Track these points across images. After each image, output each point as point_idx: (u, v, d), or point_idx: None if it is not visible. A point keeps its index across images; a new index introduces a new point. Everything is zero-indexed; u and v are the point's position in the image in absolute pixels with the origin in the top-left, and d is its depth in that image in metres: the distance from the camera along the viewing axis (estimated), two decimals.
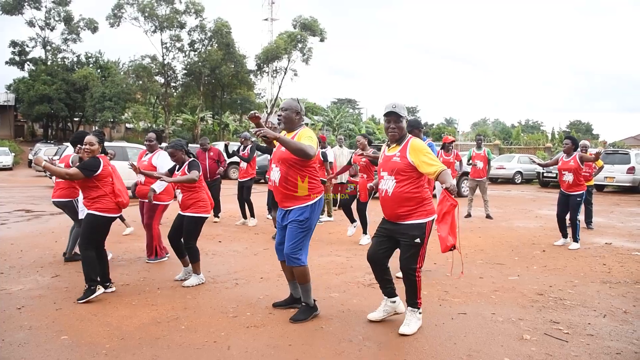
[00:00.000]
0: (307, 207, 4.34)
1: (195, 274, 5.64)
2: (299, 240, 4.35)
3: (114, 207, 5.16)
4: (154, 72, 41.37)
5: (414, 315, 4.21)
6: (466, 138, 46.61)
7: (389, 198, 4.12)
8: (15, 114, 45.15)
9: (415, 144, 4.08)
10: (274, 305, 4.81)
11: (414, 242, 4.06)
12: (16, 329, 4.25)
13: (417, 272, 4.12)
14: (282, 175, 4.31)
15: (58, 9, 42.32)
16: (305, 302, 4.55)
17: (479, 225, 10.41)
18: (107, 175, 5.14)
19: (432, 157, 3.99)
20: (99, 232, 5.17)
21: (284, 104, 4.49)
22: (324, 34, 42.87)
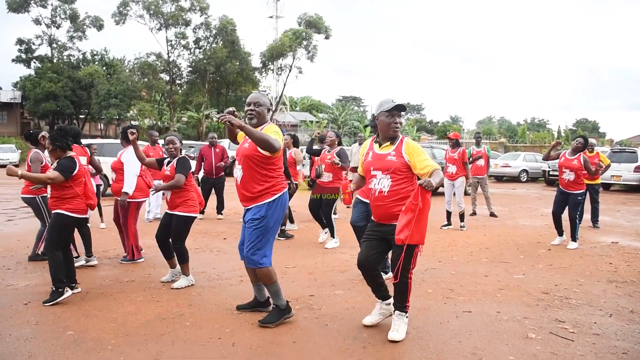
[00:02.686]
0: (263, 205, 4.13)
1: (184, 275, 5.47)
2: (256, 240, 4.14)
3: (84, 209, 5.07)
4: (159, 70, 41.48)
5: (402, 319, 4.05)
6: (471, 136, 46.48)
7: (385, 197, 4.01)
8: (21, 111, 45.33)
9: (411, 144, 4.04)
10: (237, 308, 4.64)
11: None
12: (23, 324, 4.27)
13: (410, 274, 3.99)
14: (245, 174, 4.15)
15: (64, 6, 42.45)
16: (275, 305, 4.34)
17: (484, 223, 10.39)
18: (81, 176, 5.03)
19: (427, 156, 3.96)
20: (67, 232, 5.06)
21: (256, 99, 4.27)
22: (329, 31, 42.82)
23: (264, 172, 4.12)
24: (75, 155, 5.08)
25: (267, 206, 4.14)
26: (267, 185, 4.13)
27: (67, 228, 5.01)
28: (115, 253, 7.01)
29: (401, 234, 3.76)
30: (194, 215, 5.50)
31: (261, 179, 4.12)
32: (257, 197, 4.14)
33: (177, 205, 5.41)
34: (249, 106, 4.26)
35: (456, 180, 9.51)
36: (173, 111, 41.95)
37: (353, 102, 66.86)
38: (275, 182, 4.18)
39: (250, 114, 4.23)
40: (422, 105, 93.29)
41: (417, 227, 3.74)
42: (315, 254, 7.22)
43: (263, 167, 4.11)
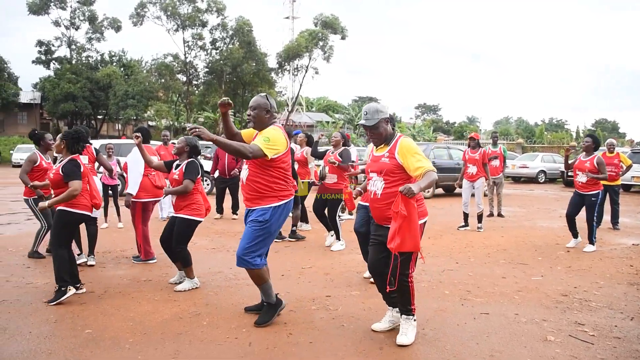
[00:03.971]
0: (269, 208, 4.09)
1: (188, 278, 5.41)
2: (255, 242, 4.09)
3: (87, 205, 5.06)
4: (176, 71, 41.78)
5: (409, 323, 3.96)
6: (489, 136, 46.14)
7: (378, 200, 3.92)
8: (41, 112, 45.98)
9: (405, 143, 3.88)
10: (246, 310, 4.59)
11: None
12: (42, 322, 4.32)
13: (410, 278, 3.88)
14: (250, 173, 4.11)
15: (83, 8, 43.03)
16: (267, 302, 4.35)
17: (501, 224, 10.30)
18: (84, 175, 5.00)
19: (421, 157, 3.79)
20: (70, 229, 5.06)
21: (252, 103, 4.22)
22: (345, 31, 42.79)
23: (269, 172, 4.08)
24: (77, 156, 5.07)
25: (273, 211, 4.10)
26: (273, 187, 4.09)
27: (69, 225, 5.01)
28: (132, 252, 7.06)
29: (392, 243, 3.68)
30: (198, 219, 5.41)
31: (267, 179, 4.08)
32: (262, 198, 4.09)
33: (181, 208, 5.36)
34: (247, 111, 4.29)
35: (476, 182, 9.42)
36: (190, 112, 42.22)
37: (369, 102, 66.72)
38: (283, 186, 4.14)
39: (248, 119, 4.26)
40: (438, 105, 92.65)
41: (407, 234, 3.61)
42: (332, 254, 7.21)
43: (268, 168, 4.07)
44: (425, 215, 3.97)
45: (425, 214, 3.98)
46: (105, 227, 9.15)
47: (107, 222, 9.33)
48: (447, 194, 16.80)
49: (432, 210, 12.55)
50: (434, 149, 16.75)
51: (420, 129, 44.57)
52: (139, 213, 6.48)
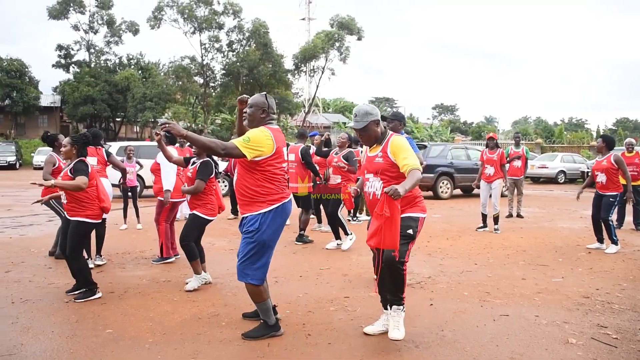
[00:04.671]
0: (258, 215, 3.86)
1: (195, 274, 5.42)
2: (249, 254, 3.88)
3: (99, 213, 5.12)
4: (193, 73, 42.01)
5: (400, 315, 3.87)
6: (507, 137, 45.71)
7: (378, 200, 3.72)
8: (61, 114, 46.57)
9: (395, 142, 3.85)
10: (243, 316, 4.47)
11: (407, 232, 3.76)
12: (64, 321, 4.38)
13: (404, 266, 3.80)
14: (238, 176, 3.97)
15: (101, 12, 43.49)
16: (263, 320, 4.11)
17: (520, 225, 10.20)
18: (92, 178, 5.05)
19: (409, 154, 3.73)
20: (86, 239, 5.16)
21: (251, 100, 4.08)
22: (361, 32, 42.70)
23: (254, 175, 3.88)
24: (85, 158, 5.12)
25: (262, 217, 3.87)
26: (259, 191, 3.88)
27: (85, 235, 5.14)
28: (151, 253, 7.12)
29: (371, 240, 3.65)
30: (209, 218, 5.48)
31: (253, 182, 3.88)
32: (251, 204, 3.90)
33: (195, 206, 5.46)
34: (245, 107, 4.15)
35: (493, 182, 9.33)
36: (207, 113, 42.47)
37: (386, 103, 66.62)
38: (271, 190, 3.90)
39: (244, 115, 4.15)
40: (456, 106, 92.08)
41: (387, 234, 3.53)
42: (350, 255, 7.20)
43: (253, 171, 3.88)
44: (424, 211, 3.98)
45: (424, 210, 3.98)
46: (125, 229, 9.24)
47: (127, 224, 9.42)
48: (465, 194, 16.69)
49: (450, 211, 12.49)
50: (452, 149, 16.66)
51: (437, 129, 44.30)
52: (165, 212, 6.56)
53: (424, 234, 8.79)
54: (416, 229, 3.88)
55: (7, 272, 6.03)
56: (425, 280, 5.82)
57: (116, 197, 12.08)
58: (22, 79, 41.35)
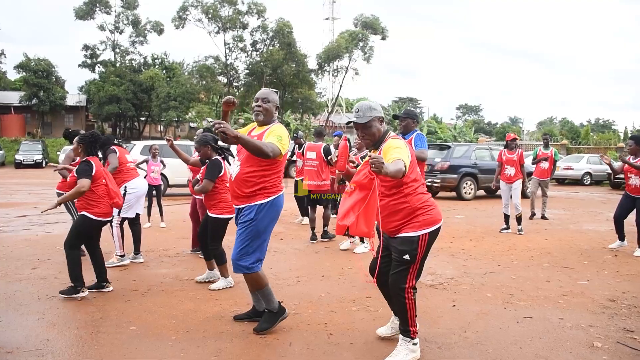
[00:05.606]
0: (254, 206, 3.92)
1: (222, 277, 5.47)
2: (245, 243, 3.93)
3: (108, 212, 5.15)
4: (217, 72, 42.42)
5: (405, 345, 3.57)
6: (532, 137, 45.13)
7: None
8: (86, 114, 47.30)
9: (388, 145, 3.48)
10: (235, 319, 4.39)
11: (402, 258, 3.47)
12: (89, 318, 4.45)
13: (408, 293, 3.48)
14: (242, 171, 3.93)
15: (127, 12, 44.10)
16: (267, 309, 4.14)
17: (545, 227, 10.06)
18: (99, 177, 5.06)
19: (399, 152, 3.34)
20: (89, 235, 5.15)
21: (265, 95, 4.05)
22: (385, 32, 42.65)
23: (262, 172, 3.91)
24: (92, 158, 5.13)
25: (258, 208, 3.93)
26: (262, 186, 3.93)
27: (87, 230, 5.12)
28: (175, 252, 7.20)
29: (345, 219, 3.43)
30: (227, 217, 5.44)
31: (258, 178, 3.92)
32: (250, 197, 3.94)
33: (210, 206, 5.48)
34: (257, 102, 4.06)
35: (514, 183, 9.22)
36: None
37: (410, 103, 66.25)
38: (271, 183, 3.97)
39: (257, 110, 4.04)
40: (480, 106, 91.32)
41: (363, 217, 3.38)
42: (372, 255, 7.16)
43: (263, 168, 3.91)
44: (428, 225, 3.52)
45: (428, 224, 3.52)
46: (148, 227, 9.35)
47: (150, 222, 9.54)
48: (488, 195, 16.52)
49: (474, 212, 12.38)
50: (476, 150, 16.50)
51: (461, 129, 43.89)
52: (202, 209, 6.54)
53: (446, 236, 8.73)
54: (415, 251, 3.45)
55: (34, 269, 6.15)
56: (448, 281, 5.78)
57: None
58: (49, 79, 42.09)
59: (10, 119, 42.68)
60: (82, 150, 5.18)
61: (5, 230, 9.02)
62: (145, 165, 9.55)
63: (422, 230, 3.49)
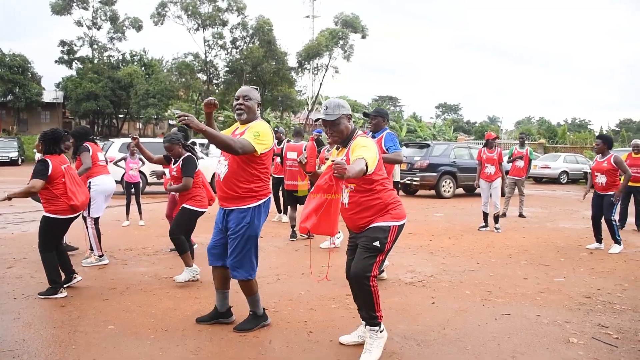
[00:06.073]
0: (248, 210, 3.87)
1: (186, 267, 5.42)
2: (243, 250, 3.91)
3: (66, 209, 5.00)
4: (196, 70, 42.04)
5: (374, 336, 3.57)
6: (510, 136, 45.64)
7: (346, 210, 3.61)
8: (63, 111, 46.60)
9: (356, 143, 3.51)
10: (197, 321, 4.28)
11: (373, 244, 3.48)
12: (66, 318, 4.39)
13: (372, 281, 3.49)
14: (229, 170, 3.86)
15: (104, 8, 43.48)
16: (252, 311, 4.16)
17: (522, 225, 10.19)
18: (57, 177, 4.95)
19: (363, 150, 3.37)
20: (56, 234, 5.09)
21: (246, 92, 3.98)
22: (366, 30, 42.72)
23: (251, 172, 3.86)
24: (52, 156, 5.02)
25: (253, 211, 3.90)
26: (252, 186, 3.88)
27: (53, 229, 5.03)
28: (153, 250, 7.14)
29: (307, 222, 3.47)
30: (201, 210, 5.56)
31: (247, 178, 3.86)
32: (241, 199, 3.88)
33: (185, 199, 5.53)
34: (238, 100, 3.98)
35: (494, 182, 9.32)
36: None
37: (389, 101, 66.57)
38: (262, 184, 3.93)
39: (239, 109, 3.96)
40: (459, 105, 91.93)
41: (325, 218, 3.41)
42: None
43: (250, 166, 3.84)
44: (399, 218, 3.60)
45: (399, 217, 3.60)
46: (127, 225, 9.26)
47: (129, 220, 9.44)
48: (467, 194, 16.68)
49: (453, 210, 12.49)
50: (455, 148, 16.64)
51: (440, 128, 44.18)
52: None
53: (425, 234, 8.81)
54: (385, 240, 3.51)
55: (9, 268, 6.04)
56: (427, 278, 5.83)
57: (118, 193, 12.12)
58: (25, 75, 41.36)
59: None
60: (42, 147, 5.08)
61: None
62: (124, 163, 9.46)
63: (394, 222, 3.56)
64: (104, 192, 6.41)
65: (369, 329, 3.62)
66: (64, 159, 5.16)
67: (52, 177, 4.91)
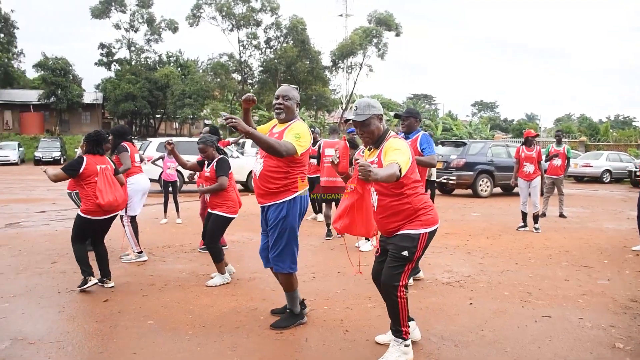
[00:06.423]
0: (283, 203, 3.93)
1: (219, 273, 5.46)
2: (283, 243, 3.96)
3: (95, 210, 5.07)
4: (231, 70, 42.52)
5: (396, 347, 3.49)
6: (549, 134, 44.61)
7: (375, 213, 3.54)
8: (102, 111, 47.76)
9: (389, 145, 3.41)
10: (272, 312, 4.42)
11: (401, 254, 3.40)
12: (107, 312, 4.49)
13: (400, 292, 3.42)
14: (265, 167, 3.92)
15: (142, 11, 44.48)
16: (289, 309, 4.20)
17: (563, 225, 9.94)
18: (90, 175, 5.06)
19: (396, 154, 3.27)
20: (84, 231, 5.23)
21: (285, 92, 4.02)
22: (400, 28, 42.45)
23: (286, 169, 3.91)
24: (91, 156, 5.17)
25: (288, 204, 3.95)
26: (287, 182, 3.93)
27: (80, 227, 5.18)
28: (191, 248, 7.23)
29: (338, 222, 3.49)
30: (231, 217, 5.49)
31: (283, 175, 3.91)
32: (276, 194, 3.94)
33: (216, 205, 5.46)
34: (277, 100, 4.01)
35: (533, 180, 9.11)
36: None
37: (424, 99, 65.87)
38: (297, 178, 3.98)
39: (279, 109, 4.00)
40: (495, 102, 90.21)
41: (357, 217, 3.40)
42: None
43: (287, 164, 3.89)
44: (430, 224, 3.48)
45: (429, 223, 3.47)
46: (165, 223, 9.41)
47: (167, 218, 9.59)
48: (505, 193, 16.37)
49: (490, 210, 12.28)
50: (492, 147, 16.34)
51: (476, 126, 43.55)
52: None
53: (462, 233, 8.68)
54: (414, 249, 3.40)
55: (54, 263, 6.21)
56: (464, 278, 5.73)
57: (156, 192, 12.32)
58: (67, 77, 42.58)
59: (29, 117, 43.33)
60: (85, 147, 5.31)
61: (25, 226, 9.14)
62: (161, 162, 9.62)
63: (424, 229, 3.45)
64: (140, 191, 6.59)
65: (393, 338, 3.54)
66: (104, 160, 5.29)
67: (84, 174, 5.06)
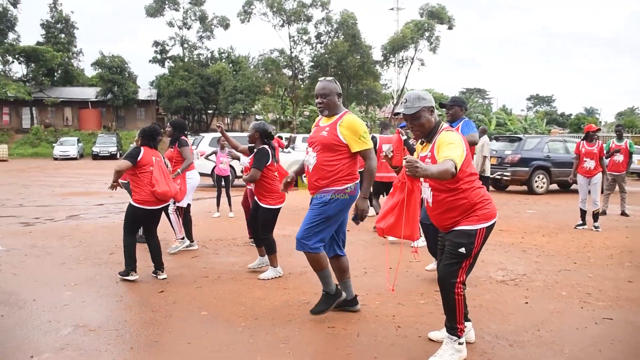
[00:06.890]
0: (330, 191, 3.99)
1: (272, 266, 5.49)
2: (313, 224, 4.00)
3: (150, 200, 5.26)
4: (282, 65, 42.85)
5: (450, 345, 3.41)
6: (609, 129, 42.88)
7: (431, 209, 3.47)
8: (157, 107, 49.09)
9: (442, 139, 3.30)
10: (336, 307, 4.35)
11: (458, 251, 3.32)
12: (163, 302, 4.62)
13: (457, 289, 3.35)
14: (318, 161, 4.03)
15: (194, 9, 45.57)
16: (325, 291, 4.20)
17: (625, 224, 9.53)
18: (146, 164, 5.28)
19: (450, 148, 3.17)
20: (138, 222, 5.43)
21: (322, 89, 4.08)
22: (452, 21, 41.70)
23: (339, 161, 4.02)
24: (148, 148, 5.42)
25: (333, 194, 4.01)
26: (339, 175, 4.02)
27: (135, 218, 5.37)
28: (243, 241, 7.34)
29: (382, 222, 3.42)
30: (276, 207, 5.48)
31: (335, 167, 4.01)
32: (327, 185, 4.03)
33: (261, 197, 5.48)
34: (317, 99, 4.12)
35: (593, 177, 8.76)
36: (295, 105, 43.11)
37: (477, 94, 64.50)
38: (347, 171, 4.05)
39: (321, 107, 4.10)
40: (552, 96, 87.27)
41: (400, 219, 3.33)
42: None
43: (340, 158, 4.02)
44: (487, 219, 3.36)
45: (487, 218, 3.36)
46: (217, 216, 9.59)
47: (219, 212, 9.77)
48: (562, 190, 15.86)
49: (546, 207, 11.91)
50: (549, 142, 15.81)
51: (532, 121, 42.25)
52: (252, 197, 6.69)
53: (517, 231, 8.46)
54: (471, 245, 3.31)
55: (112, 254, 6.44)
56: (520, 277, 5.59)
57: (209, 186, 12.57)
58: (123, 75, 44.13)
59: (87, 113, 45.12)
60: (140, 142, 5.51)
61: (85, 218, 9.51)
62: (214, 157, 9.80)
63: (481, 224, 3.34)
64: (195, 186, 6.99)
65: (447, 335, 3.46)
66: (157, 154, 5.51)
67: (141, 163, 5.28)
